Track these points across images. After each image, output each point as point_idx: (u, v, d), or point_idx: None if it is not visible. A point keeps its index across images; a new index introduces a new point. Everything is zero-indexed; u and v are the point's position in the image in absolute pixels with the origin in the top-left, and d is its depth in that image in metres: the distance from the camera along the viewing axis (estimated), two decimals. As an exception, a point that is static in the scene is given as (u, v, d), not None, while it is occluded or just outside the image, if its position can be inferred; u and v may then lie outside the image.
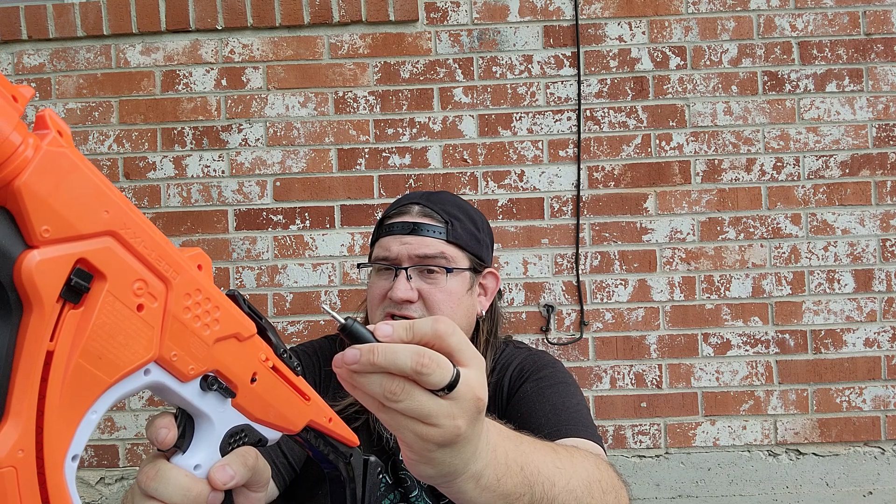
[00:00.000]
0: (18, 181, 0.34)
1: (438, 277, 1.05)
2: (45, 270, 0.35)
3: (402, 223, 1.08)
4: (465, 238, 1.09)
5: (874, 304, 2.29)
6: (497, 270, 1.16)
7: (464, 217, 1.10)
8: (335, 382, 1.11)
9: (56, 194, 0.36)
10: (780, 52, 2.32)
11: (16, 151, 0.34)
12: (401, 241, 1.06)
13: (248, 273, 2.31)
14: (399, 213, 1.10)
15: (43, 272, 0.35)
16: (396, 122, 2.32)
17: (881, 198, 2.30)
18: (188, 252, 0.46)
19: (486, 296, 1.14)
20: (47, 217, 0.35)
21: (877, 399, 2.27)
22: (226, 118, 2.33)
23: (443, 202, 1.11)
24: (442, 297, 1.04)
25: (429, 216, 1.08)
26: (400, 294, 1.02)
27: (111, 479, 2.29)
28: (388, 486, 1.07)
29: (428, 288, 1.05)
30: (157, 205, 2.33)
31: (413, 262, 1.05)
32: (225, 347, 0.46)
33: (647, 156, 2.31)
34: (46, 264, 0.36)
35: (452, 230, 1.07)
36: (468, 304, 1.09)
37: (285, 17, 2.30)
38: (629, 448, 2.28)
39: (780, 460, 2.28)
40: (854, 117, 2.31)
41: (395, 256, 1.06)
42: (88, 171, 0.38)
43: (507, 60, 2.33)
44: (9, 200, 0.35)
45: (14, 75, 2.34)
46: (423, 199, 1.11)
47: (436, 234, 1.06)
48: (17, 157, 0.34)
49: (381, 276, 1.08)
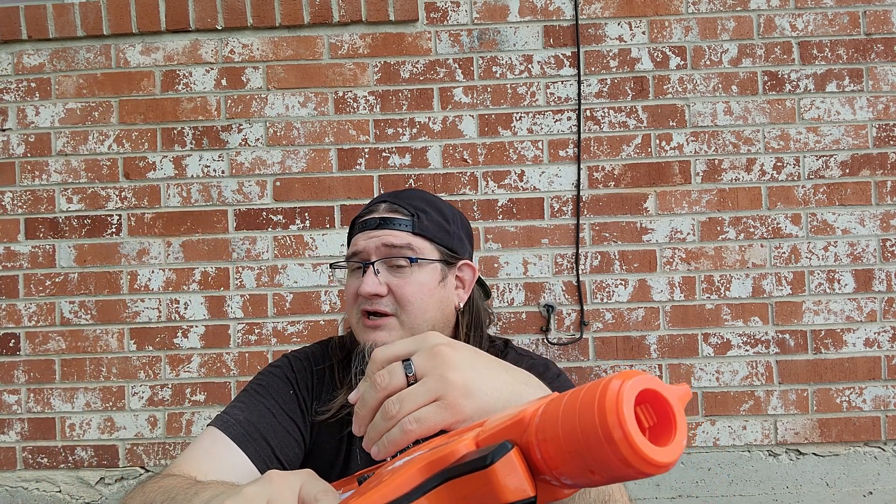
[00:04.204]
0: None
1: (406, 270, 1.05)
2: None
3: (369, 219, 1.08)
4: (433, 229, 1.08)
5: (874, 304, 2.29)
6: (474, 263, 1.15)
7: (431, 210, 1.11)
8: (326, 382, 1.12)
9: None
10: (781, 52, 2.32)
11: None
12: (368, 236, 1.06)
13: (248, 273, 2.31)
14: (368, 212, 1.11)
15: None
16: (396, 122, 2.32)
17: (881, 198, 2.30)
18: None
19: (465, 288, 1.13)
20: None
21: (877, 399, 2.27)
22: (226, 118, 2.33)
23: (410, 198, 1.12)
24: (411, 290, 1.04)
25: (395, 211, 1.08)
26: (368, 288, 1.02)
27: (111, 479, 2.29)
28: None
29: (397, 282, 1.04)
30: (157, 205, 2.32)
31: (380, 255, 1.05)
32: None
33: (647, 156, 2.31)
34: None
35: (419, 222, 1.07)
36: (441, 297, 1.08)
37: (285, 17, 2.30)
38: (629, 448, 2.28)
39: (781, 460, 2.28)
40: (854, 117, 2.31)
41: (363, 250, 1.06)
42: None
43: (507, 60, 2.33)
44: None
45: (14, 75, 2.34)
46: (390, 197, 1.12)
47: (402, 227, 1.06)
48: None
49: (354, 275, 1.09)
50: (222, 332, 2.30)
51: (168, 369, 2.29)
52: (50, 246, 2.32)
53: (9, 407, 2.30)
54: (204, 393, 2.29)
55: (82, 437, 2.29)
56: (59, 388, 2.30)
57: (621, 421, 0.35)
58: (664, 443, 0.37)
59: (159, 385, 2.29)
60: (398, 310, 1.04)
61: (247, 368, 2.28)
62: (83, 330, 2.31)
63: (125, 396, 2.30)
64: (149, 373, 2.30)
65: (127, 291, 2.31)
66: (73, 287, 2.31)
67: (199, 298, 2.30)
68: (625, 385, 0.36)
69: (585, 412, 0.37)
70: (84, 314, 2.31)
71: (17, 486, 2.29)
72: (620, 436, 0.35)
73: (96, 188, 2.33)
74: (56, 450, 2.29)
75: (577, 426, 0.37)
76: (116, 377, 2.30)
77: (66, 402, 2.30)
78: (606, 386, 0.37)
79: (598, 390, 0.37)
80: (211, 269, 2.31)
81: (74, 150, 2.33)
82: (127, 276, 2.31)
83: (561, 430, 0.38)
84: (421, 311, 1.04)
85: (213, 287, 2.31)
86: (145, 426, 2.29)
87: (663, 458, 0.36)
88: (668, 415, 0.38)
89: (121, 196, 2.33)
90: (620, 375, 0.37)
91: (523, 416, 0.42)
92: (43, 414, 2.30)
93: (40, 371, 2.30)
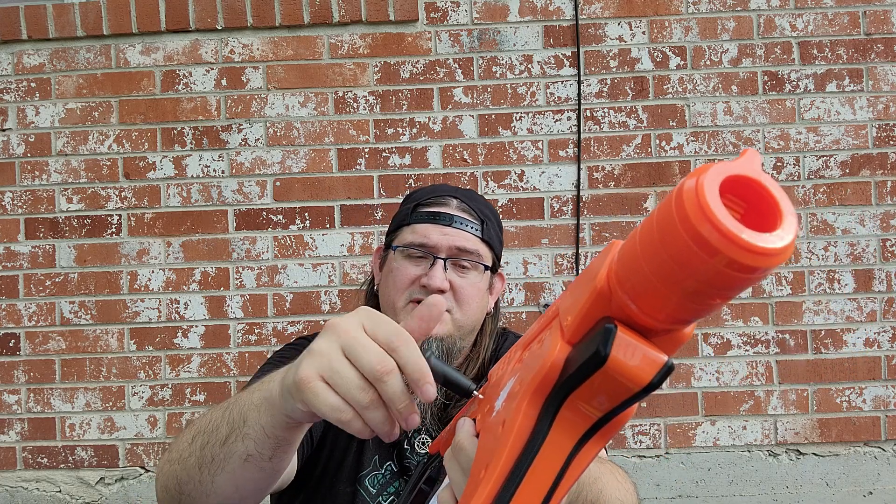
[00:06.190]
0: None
1: (470, 273, 1.07)
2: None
3: (442, 213, 1.08)
4: (494, 238, 1.12)
5: (874, 304, 2.29)
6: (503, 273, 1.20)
7: (493, 218, 1.14)
8: None
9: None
10: (781, 52, 2.32)
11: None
12: (441, 231, 1.07)
13: (248, 273, 2.31)
14: (437, 204, 1.10)
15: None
16: (396, 122, 2.32)
17: (881, 198, 2.30)
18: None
19: (492, 295, 1.17)
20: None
21: (877, 399, 2.27)
22: (226, 118, 2.33)
23: (477, 201, 1.14)
24: (472, 292, 1.07)
25: (467, 212, 1.10)
26: (437, 283, 1.03)
27: (111, 479, 2.29)
28: (392, 474, 1.09)
29: (460, 281, 1.06)
30: (157, 205, 2.33)
31: (450, 254, 1.06)
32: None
33: (647, 156, 2.31)
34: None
35: (486, 229, 1.10)
36: (486, 302, 1.13)
37: (285, 16, 2.30)
38: (629, 448, 2.28)
39: (781, 460, 2.28)
40: (854, 117, 2.31)
41: (434, 245, 1.06)
42: None
43: (507, 60, 2.33)
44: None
45: (14, 75, 2.34)
46: (459, 195, 1.12)
47: (473, 231, 1.08)
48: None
49: (412, 261, 1.08)
50: (222, 332, 2.30)
51: (168, 369, 2.30)
52: (50, 246, 2.32)
53: (9, 407, 2.30)
54: (204, 393, 2.29)
55: (82, 437, 2.29)
56: (59, 388, 2.30)
57: (707, 214, 0.29)
58: (770, 229, 0.30)
59: (159, 385, 2.30)
60: (454, 308, 1.06)
61: (247, 368, 2.28)
62: (83, 330, 2.31)
63: (125, 396, 2.30)
64: (149, 373, 2.30)
65: (127, 291, 2.31)
66: (73, 287, 2.31)
67: (199, 298, 2.30)
68: (702, 177, 0.30)
69: (666, 227, 0.30)
70: (84, 314, 2.31)
71: (17, 486, 2.29)
72: (709, 228, 0.28)
73: (96, 188, 2.33)
74: (56, 450, 2.29)
75: (661, 251, 0.31)
76: (116, 377, 2.30)
77: (66, 402, 2.30)
78: (681, 187, 0.30)
79: (673, 197, 0.31)
80: (211, 269, 2.31)
81: (74, 150, 2.33)
82: (127, 276, 2.31)
83: (648, 269, 0.32)
84: (474, 312, 1.08)
85: (213, 287, 2.31)
86: (145, 426, 2.29)
87: (772, 243, 0.29)
88: (764, 200, 0.31)
89: (121, 196, 2.33)
90: (695, 172, 0.31)
91: (597, 283, 0.35)
92: (43, 414, 2.30)
93: (40, 371, 2.30)
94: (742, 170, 0.32)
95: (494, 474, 0.37)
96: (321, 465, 1.08)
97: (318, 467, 1.08)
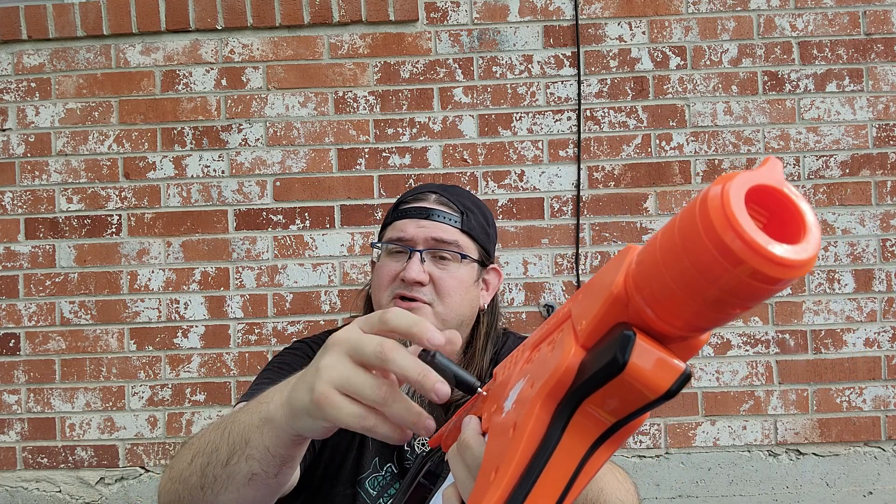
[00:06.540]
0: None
1: (450, 264, 1.07)
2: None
3: (419, 208, 1.09)
4: (478, 230, 1.11)
5: (874, 304, 2.29)
6: (500, 268, 1.19)
7: (476, 210, 1.13)
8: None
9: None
10: (781, 52, 2.32)
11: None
12: (417, 225, 1.07)
13: (248, 273, 2.31)
14: (416, 199, 1.11)
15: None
16: (396, 122, 2.32)
17: (881, 198, 2.30)
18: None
19: (488, 291, 1.16)
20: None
21: (877, 399, 2.27)
22: (226, 118, 2.33)
23: (458, 194, 1.14)
24: (453, 284, 1.06)
25: (445, 204, 1.10)
26: (413, 274, 1.03)
27: (111, 479, 2.29)
28: (393, 476, 1.08)
29: (440, 273, 1.06)
30: (157, 205, 2.33)
31: (428, 246, 1.06)
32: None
33: (647, 156, 2.31)
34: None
35: (467, 220, 1.10)
36: (474, 296, 1.11)
37: (285, 17, 2.30)
38: (629, 448, 2.28)
39: (781, 460, 2.28)
40: (854, 117, 2.31)
41: (411, 238, 1.07)
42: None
43: (507, 60, 2.33)
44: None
45: (14, 75, 2.34)
46: (439, 189, 1.13)
47: (451, 222, 1.08)
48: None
49: (393, 257, 1.09)
50: (222, 332, 2.30)
51: (168, 369, 2.30)
52: (50, 246, 2.32)
53: (9, 407, 2.30)
54: (204, 393, 2.29)
55: (82, 437, 2.29)
56: (59, 388, 2.30)
57: (733, 224, 0.28)
58: (793, 240, 0.30)
59: (159, 385, 2.30)
60: (435, 300, 1.06)
61: (247, 368, 2.28)
62: (83, 330, 2.31)
63: (125, 396, 2.30)
64: (149, 373, 2.30)
65: (127, 291, 2.31)
66: (73, 287, 2.31)
67: (199, 298, 2.30)
68: (728, 185, 0.30)
69: (689, 235, 0.30)
70: (84, 314, 2.31)
71: (17, 486, 2.29)
72: (733, 237, 0.28)
73: (96, 188, 2.33)
74: (56, 450, 2.29)
75: (683, 258, 0.30)
76: (116, 377, 2.30)
77: (66, 402, 2.30)
78: (706, 195, 0.30)
79: (696, 204, 0.30)
80: (211, 269, 2.31)
81: (74, 150, 2.33)
82: (127, 276, 2.31)
83: (669, 275, 0.31)
84: (456, 304, 1.07)
85: (213, 287, 2.31)
86: (145, 426, 2.29)
87: (797, 255, 0.29)
88: (787, 210, 0.31)
89: (121, 196, 2.33)
90: (720, 180, 0.31)
91: (614, 289, 0.34)
92: (43, 414, 2.30)
93: (40, 371, 2.30)
94: (767, 179, 0.32)
95: (506, 477, 0.37)
96: (321, 468, 1.08)
97: (318, 470, 1.08)
